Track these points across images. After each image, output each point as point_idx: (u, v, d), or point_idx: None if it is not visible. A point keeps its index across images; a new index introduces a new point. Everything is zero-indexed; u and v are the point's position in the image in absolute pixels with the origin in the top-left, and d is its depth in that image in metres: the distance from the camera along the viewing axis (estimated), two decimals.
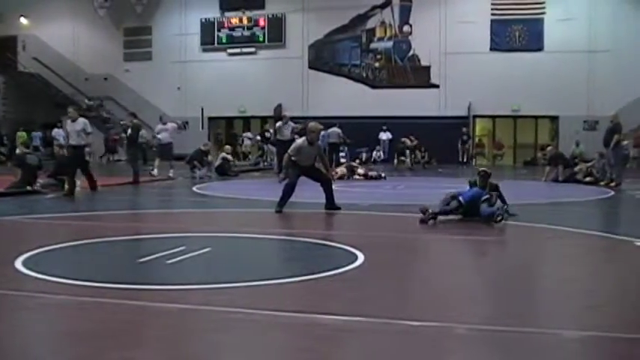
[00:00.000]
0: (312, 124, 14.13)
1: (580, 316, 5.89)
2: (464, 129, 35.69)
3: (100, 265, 8.16)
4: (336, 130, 30.13)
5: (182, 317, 5.71)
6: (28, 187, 16.76)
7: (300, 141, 13.70)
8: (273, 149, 27.68)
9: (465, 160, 35.77)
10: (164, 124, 23.78)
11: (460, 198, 11.89)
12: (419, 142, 32.34)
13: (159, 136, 23.01)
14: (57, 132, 36.10)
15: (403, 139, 32.41)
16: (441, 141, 34.95)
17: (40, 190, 16.83)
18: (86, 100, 41.50)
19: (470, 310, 6.15)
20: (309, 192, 14.10)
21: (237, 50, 40.15)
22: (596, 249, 9.89)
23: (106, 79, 41.80)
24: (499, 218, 11.43)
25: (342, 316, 5.66)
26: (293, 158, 13.45)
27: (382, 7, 38.02)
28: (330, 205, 13.47)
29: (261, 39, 39.90)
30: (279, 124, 25.25)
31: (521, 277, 7.82)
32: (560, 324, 5.63)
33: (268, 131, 32.69)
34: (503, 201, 12.37)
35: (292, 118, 25.56)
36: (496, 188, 12.54)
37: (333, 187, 13.82)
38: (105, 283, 6.73)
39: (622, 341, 5.14)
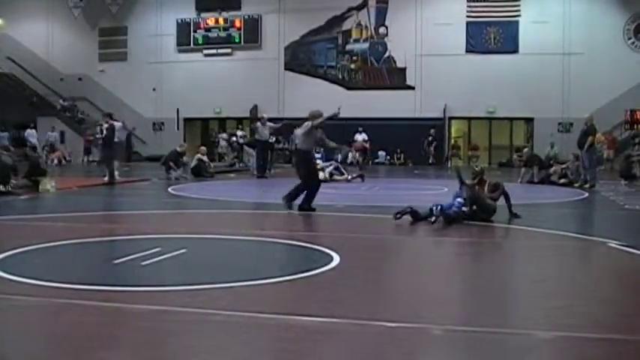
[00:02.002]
0: (314, 109, 14.16)
1: (553, 316, 5.93)
2: (431, 130, 35.85)
3: (74, 267, 8.12)
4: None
5: (158, 319, 5.70)
6: (1, 188, 16.60)
7: (308, 124, 13.65)
8: (250, 150, 27.61)
9: (432, 161, 35.90)
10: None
11: (433, 208, 11.93)
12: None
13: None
14: (29, 133, 35.91)
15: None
16: (416, 142, 35.13)
17: (13, 191, 16.70)
18: (61, 101, 41.29)
19: (445, 311, 6.18)
20: (284, 193, 14.09)
21: (213, 51, 40.07)
22: (570, 250, 9.96)
23: (80, 79, 41.55)
24: (433, 219, 11.53)
25: (319, 317, 5.67)
26: (300, 145, 13.58)
27: (358, 8, 38.13)
28: (307, 205, 13.46)
29: (237, 40, 39.85)
30: (257, 124, 25.27)
31: (495, 278, 7.88)
32: (534, 324, 5.68)
33: (235, 135, 32.72)
34: (508, 201, 12.67)
35: (268, 120, 25.59)
36: (497, 187, 12.69)
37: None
38: (80, 284, 6.70)
39: (593, 341, 5.19)
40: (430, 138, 36.05)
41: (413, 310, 6.21)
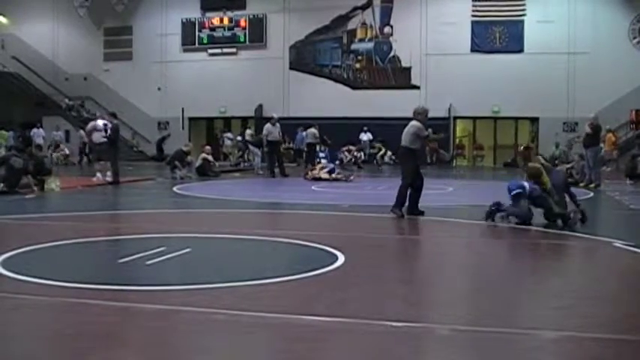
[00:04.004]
0: (419, 106, 14.00)
1: (558, 316, 5.92)
2: (429, 129, 35.62)
3: (79, 266, 8.13)
4: (312, 130, 30.36)
5: (163, 318, 5.70)
6: (5, 189, 16.57)
7: (416, 123, 13.32)
8: (255, 150, 27.61)
9: (431, 161, 35.70)
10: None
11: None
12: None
13: (96, 134, 21.25)
14: (36, 132, 35.94)
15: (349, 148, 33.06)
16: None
17: (18, 190, 16.70)
18: (66, 100, 41.35)
19: (451, 310, 6.18)
20: (289, 193, 14.09)
21: (218, 50, 40.11)
22: (575, 250, 9.96)
23: (85, 78, 41.64)
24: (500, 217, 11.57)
25: (324, 316, 5.67)
26: (413, 146, 13.18)
27: (363, 8, 38.12)
28: (415, 208, 12.97)
29: (242, 39, 39.88)
30: (268, 125, 25.19)
31: (501, 277, 7.87)
32: (539, 324, 5.67)
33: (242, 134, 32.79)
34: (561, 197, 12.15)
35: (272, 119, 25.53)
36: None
37: (314, 187, 13.81)
38: (85, 283, 6.70)
39: (598, 341, 5.18)
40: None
41: (418, 309, 6.21)
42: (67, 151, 36.01)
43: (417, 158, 13.26)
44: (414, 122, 13.22)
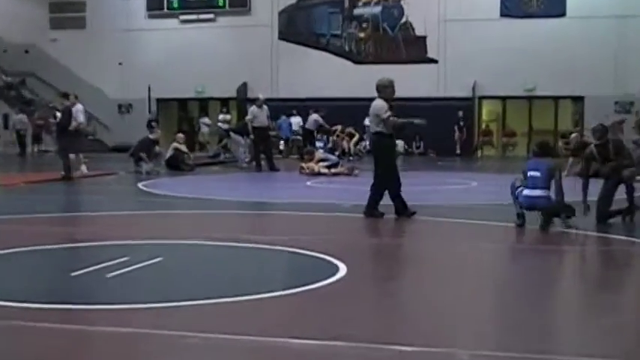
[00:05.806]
0: (382, 78, 13.72)
1: (606, 338, 5.95)
2: (460, 113, 35.62)
3: (23, 281, 8.12)
4: (315, 116, 30.43)
5: (127, 343, 5.73)
6: None
7: (380, 102, 13.14)
8: (238, 138, 27.60)
9: (460, 151, 35.69)
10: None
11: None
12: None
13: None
14: None
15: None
16: (439, 128, 34.95)
17: None
18: (4, 77, 41.16)
19: (470, 331, 6.21)
20: (279, 190, 14.14)
21: (192, 17, 39.99)
22: (628, 257, 9.97)
23: (27, 51, 41.40)
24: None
25: (316, 340, 5.70)
26: (381, 130, 13.02)
27: None
28: (370, 208, 13.04)
29: (221, 3, 39.79)
30: (253, 108, 25.21)
31: (534, 291, 7.86)
32: (582, 348, 5.70)
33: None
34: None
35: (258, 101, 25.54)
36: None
37: (309, 183, 13.86)
38: (31, 302, 6.73)
39: None
40: (461, 123, 35.87)
41: (433, 330, 6.26)
42: None
43: (391, 146, 13.37)
44: (375, 101, 13.12)
